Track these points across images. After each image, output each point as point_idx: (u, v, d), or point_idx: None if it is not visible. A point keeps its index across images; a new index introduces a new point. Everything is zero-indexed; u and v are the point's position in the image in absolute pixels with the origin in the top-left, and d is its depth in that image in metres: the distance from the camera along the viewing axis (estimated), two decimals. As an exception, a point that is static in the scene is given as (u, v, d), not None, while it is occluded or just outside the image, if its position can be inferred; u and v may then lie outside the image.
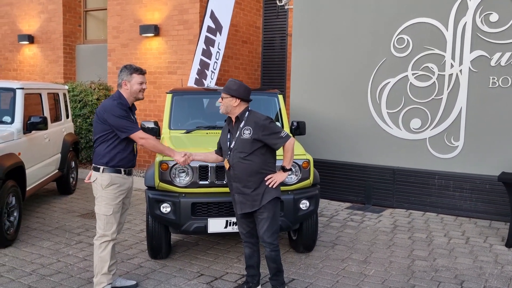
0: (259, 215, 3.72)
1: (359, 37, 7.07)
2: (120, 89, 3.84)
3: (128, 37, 9.24)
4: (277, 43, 10.35)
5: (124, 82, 3.80)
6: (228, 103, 3.73)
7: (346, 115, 7.22)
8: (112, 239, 3.80)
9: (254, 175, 3.67)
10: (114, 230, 3.81)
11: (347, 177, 7.24)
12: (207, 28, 7.74)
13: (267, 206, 3.69)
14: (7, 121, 5.65)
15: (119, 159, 3.77)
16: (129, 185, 3.92)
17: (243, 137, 3.68)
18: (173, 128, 5.35)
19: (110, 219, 3.77)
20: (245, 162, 3.66)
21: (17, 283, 4.12)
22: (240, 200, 3.74)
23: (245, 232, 3.88)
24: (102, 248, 3.78)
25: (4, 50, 11.44)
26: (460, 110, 6.43)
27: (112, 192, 3.76)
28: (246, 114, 3.74)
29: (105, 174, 3.75)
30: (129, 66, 3.84)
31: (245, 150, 3.66)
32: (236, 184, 3.73)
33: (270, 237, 3.70)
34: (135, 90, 3.81)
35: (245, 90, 3.75)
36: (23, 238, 5.34)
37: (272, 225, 3.71)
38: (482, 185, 6.32)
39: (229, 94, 3.71)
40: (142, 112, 9.14)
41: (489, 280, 4.33)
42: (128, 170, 3.86)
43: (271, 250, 3.74)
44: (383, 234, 5.68)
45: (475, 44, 6.29)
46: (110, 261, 3.79)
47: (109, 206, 3.76)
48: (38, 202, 7.04)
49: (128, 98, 3.83)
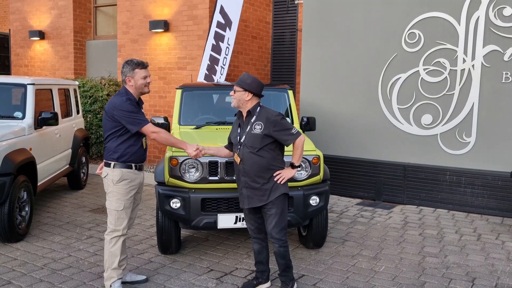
0: (267, 211, 3.71)
1: (369, 32, 7.01)
2: (125, 85, 3.83)
3: (138, 33, 9.26)
4: (287, 39, 10.30)
5: (127, 78, 3.79)
6: (241, 97, 3.72)
7: (356, 110, 7.17)
8: (123, 234, 3.82)
9: (263, 170, 3.66)
10: (125, 226, 3.82)
11: (357, 173, 7.20)
12: (217, 23, 7.73)
13: (275, 202, 3.68)
14: (18, 117, 5.69)
15: (129, 155, 3.77)
16: (140, 180, 3.92)
17: (253, 132, 3.67)
18: (183, 123, 5.35)
19: (121, 214, 3.78)
20: (255, 157, 3.65)
21: (29, 277, 4.16)
22: (248, 195, 3.73)
23: (253, 228, 3.87)
24: (113, 243, 3.79)
25: (16, 46, 11.53)
26: (472, 105, 6.36)
27: (123, 187, 3.77)
28: (258, 109, 3.73)
29: (116, 169, 3.76)
30: (130, 62, 3.80)
31: (255, 145, 3.65)
32: (245, 178, 3.72)
33: (279, 233, 3.70)
34: (140, 85, 3.80)
35: (258, 85, 3.73)
36: (35, 232, 5.39)
37: (281, 221, 3.71)
38: (494, 181, 6.25)
39: (242, 87, 3.70)
40: (152, 107, 9.16)
41: (501, 278, 4.28)
42: (139, 165, 3.87)
43: (280, 246, 3.73)
44: (394, 231, 5.64)
45: (487, 39, 6.21)
46: (120, 256, 3.81)
47: (120, 202, 3.77)
48: (49, 197, 7.10)
49: (134, 93, 3.83)
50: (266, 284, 3.98)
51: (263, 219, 3.81)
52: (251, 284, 3.94)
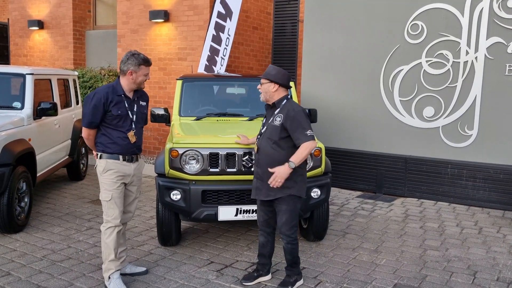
0: (277, 206, 3.70)
1: (372, 23, 6.94)
2: (123, 76, 3.73)
3: (138, 23, 9.18)
4: (288, 30, 10.22)
5: (130, 71, 3.69)
6: (267, 89, 3.70)
7: (358, 103, 7.13)
8: (116, 225, 3.75)
9: (275, 164, 3.60)
10: (116, 216, 3.74)
11: (358, 166, 7.17)
12: (217, 13, 7.65)
13: (286, 199, 3.65)
14: (17, 107, 5.64)
15: (115, 147, 3.72)
16: (131, 172, 3.81)
17: (274, 123, 3.66)
18: (183, 115, 5.31)
19: (110, 204, 3.73)
20: (270, 149, 3.64)
21: (28, 268, 4.14)
22: (257, 186, 3.74)
23: (262, 220, 3.85)
24: (107, 234, 3.75)
25: (14, 36, 11.44)
26: (475, 98, 6.31)
27: (109, 177, 3.72)
28: (284, 102, 3.70)
29: (102, 160, 3.74)
30: (137, 56, 3.71)
31: (273, 136, 3.64)
32: (257, 169, 3.73)
33: (288, 230, 3.69)
34: (140, 81, 3.75)
35: (284, 75, 3.69)
36: (34, 223, 5.37)
37: (291, 219, 3.69)
38: (496, 174, 6.22)
39: (268, 79, 3.68)
40: (152, 98, 9.11)
41: (503, 271, 4.27)
42: (128, 157, 3.78)
43: (288, 243, 3.73)
44: (395, 223, 5.62)
45: (491, 31, 6.14)
46: (117, 248, 3.76)
47: (107, 192, 3.72)
48: (48, 188, 7.07)
49: (127, 85, 3.74)
50: (266, 277, 3.96)
51: (274, 214, 3.80)
52: (252, 276, 3.93)
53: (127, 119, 3.75)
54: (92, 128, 3.74)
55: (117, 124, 3.72)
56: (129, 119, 3.76)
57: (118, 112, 3.69)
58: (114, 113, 3.68)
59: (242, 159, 4.32)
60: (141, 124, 3.90)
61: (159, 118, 5.37)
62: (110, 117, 3.69)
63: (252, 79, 5.87)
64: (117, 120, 3.71)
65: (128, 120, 3.76)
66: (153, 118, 5.39)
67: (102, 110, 3.66)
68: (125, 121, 3.74)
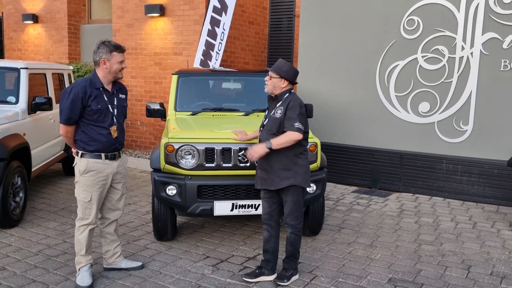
0: (283, 197, 3.77)
1: (368, 18, 6.94)
2: (98, 67, 3.62)
3: (133, 17, 9.13)
4: (284, 24, 10.20)
5: (102, 60, 3.57)
6: (276, 83, 3.73)
7: (353, 98, 7.13)
8: (91, 223, 3.70)
9: (277, 155, 3.66)
10: (94, 216, 3.69)
11: (353, 161, 7.18)
12: (213, 8, 7.63)
13: (290, 189, 3.71)
14: (11, 101, 5.61)
15: (96, 144, 3.61)
16: (113, 170, 3.71)
17: (275, 116, 3.70)
18: (179, 109, 5.29)
19: (88, 205, 3.66)
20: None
21: (24, 263, 4.13)
22: (261, 176, 3.78)
23: (266, 212, 3.87)
24: (80, 231, 3.72)
25: (9, 30, 11.35)
26: (470, 93, 6.33)
27: (89, 179, 3.62)
28: (286, 95, 3.73)
29: (83, 159, 3.62)
30: (108, 43, 3.59)
31: (273, 129, 3.69)
32: (261, 160, 3.76)
33: (293, 220, 3.77)
34: (115, 69, 3.61)
35: (295, 73, 3.77)
36: (29, 218, 5.35)
37: (296, 209, 3.76)
38: (490, 169, 6.25)
39: (279, 75, 3.70)
40: (148, 93, 9.08)
41: (497, 266, 4.30)
42: (110, 155, 3.69)
43: (291, 232, 3.79)
44: (390, 218, 5.64)
45: (487, 26, 6.15)
46: (88, 244, 3.73)
47: (86, 193, 3.64)
48: (43, 183, 7.05)
49: (104, 77, 3.62)
50: (269, 277, 3.88)
51: (277, 206, 3.85)
52: (254, 273, 3.91)
53: (108, 114, 3.64)
54: (71, 125, 3.59)
55: (98, 119, 3.60)
56: (109, 113, 3.64)
57: (98, 107, 3.57)
58: (94, 108, 3.56)
59: (237, 154, 4.32)
60: (122, 118, 3.79)
61: (155, 113, 5.35)
62: (90, 112, 3.56)
63: (248, 74, 5.86)
64: (97, 115, 3.58)
65: (109, 114, 3.64)
66: (149, 113, 5.38)
67: (80, 105, 3.52)
68: (106, 116, 3.62)
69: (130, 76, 9.20)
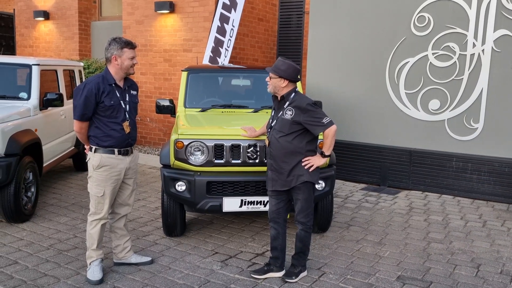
0: (294, 195, 3.77)
1: (378, 15, 6.90)
2: (109, 64, 3.67)
3: (143, 14, 9.17)
4: (294, 21, 10.15)
5: (114, 57, 3.63)
6: (276, 84, 3.70)
7: (363, 95, 7.11)
8: (103, 218, 3.76)
9: (289, 155, 3.67)
10: (106, 211, 3.74)
11: (362, 158, 7.16)
12: (222, 4, 7.63)
13: (301, 187, 3.71)
14: (23, 98, 5.67)
15: (110, 140, 3.67)
16: (126, 166, 3.78)
17: (284, 117, 3.68)
18: (188, 106, 5.31)
19: (101, 200, 3.71)
20: (281, 141, 3.68)
21: (35, 257, 4.19)
22: (272, 177, 3.78)
23: (273, 210, 3.88)
24: (92, 226, 3.77)
25: (20, 26, 11.46)
26: (481, 91, 6.28)
27: (103, 173, 3.68)
28: (292, 95, 3.71)
29: (96, 154, 3.68)
30: (118, 40, 3.64)
31: (283, 130, 3.67)
32: (271, 161, 3.77)
33: (303, 218, 3.79)
34: (127, 65, 3.66)
35: (294, 70, 3.69)
36: (41, 213, 5.42)
37: (306, 206, 3.77)
38: (501, 168, 6.21)
39: (278, 74, 3.67)
40: (157, 90, 9.12)
41: (506, 264, 4.27)
42: (123, 150, 3.74)
43: (302, 229, 3.81)
44: (399, 216, 5.63)
45: (499, 23, 6.09)
46: (100, 239, 3.78)
47: (100, 188, 3.69)
48: (54, 178, 7.12)
49: (116, 73, 3.68)
50: (278, 273, 3.90)
51: (284, 204, 3.85)
52: (262, 270, 3.93)
53: (120, 109, 3.70)
54: (84, 121, 3.66)
55: (111, 115, 3.66)
56: (122, 109, 3.71)
57: (111, 103, 3.63)
58: (107, 104, 3.62)
59: (247, 151, 4.33)
60: (134, 114, 3.86)
61: (164, 110, 5.38)
62: (103, 108, 3.63)
63: (257, 71, 5.86)
64: (110, 111, 3.65)
65: (122, 110, 3.71)
66: (158, 109, 5.41)
67: (94, 101, 3.58)
68: (118, 112, 3.69)
69: (140, 73, 9.24)
